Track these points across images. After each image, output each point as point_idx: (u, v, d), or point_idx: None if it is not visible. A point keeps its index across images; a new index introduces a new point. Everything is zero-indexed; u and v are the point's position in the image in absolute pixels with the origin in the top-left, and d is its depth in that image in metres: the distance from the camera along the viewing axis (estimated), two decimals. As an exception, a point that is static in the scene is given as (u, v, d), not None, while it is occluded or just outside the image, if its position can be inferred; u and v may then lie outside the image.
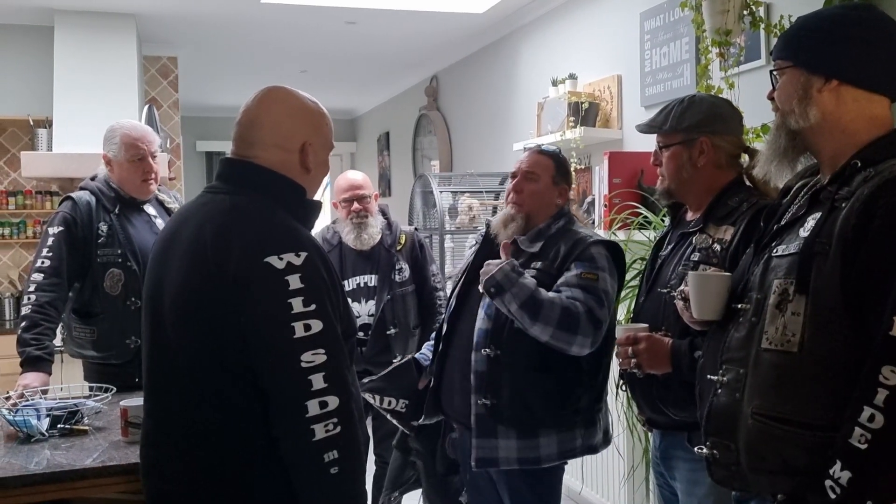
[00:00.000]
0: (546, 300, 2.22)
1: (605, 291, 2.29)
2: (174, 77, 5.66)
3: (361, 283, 3.28)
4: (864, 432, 1.28)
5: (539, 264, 2.36)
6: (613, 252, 2.38)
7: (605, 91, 4.01)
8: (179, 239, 1.63)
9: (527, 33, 4.97)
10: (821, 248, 1.41)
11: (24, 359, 2.60)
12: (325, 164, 1.76)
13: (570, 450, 2.35)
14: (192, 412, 1.58)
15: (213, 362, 1.54)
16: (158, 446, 1.65)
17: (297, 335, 1.48)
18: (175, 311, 1.59)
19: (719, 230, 1.95)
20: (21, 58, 5.03)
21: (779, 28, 2.50)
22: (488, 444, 2.32)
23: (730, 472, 1.54)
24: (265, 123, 1.67)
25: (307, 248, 1.54)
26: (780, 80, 1.57)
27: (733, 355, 1.55)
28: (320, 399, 1.47)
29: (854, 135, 1.48)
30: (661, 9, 3.59)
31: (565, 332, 2.21)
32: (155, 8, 4.75)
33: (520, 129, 4.94)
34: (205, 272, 1.54)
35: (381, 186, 8.10)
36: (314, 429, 1.46)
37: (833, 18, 1.55)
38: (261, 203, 1.61)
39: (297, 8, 4.75)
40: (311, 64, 6.44)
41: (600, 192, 3.56)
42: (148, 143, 2.88)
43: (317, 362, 1.48)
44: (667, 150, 2.07)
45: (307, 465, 1.49)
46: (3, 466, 1.97)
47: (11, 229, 5.03)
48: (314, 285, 1.52)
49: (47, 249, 2.75)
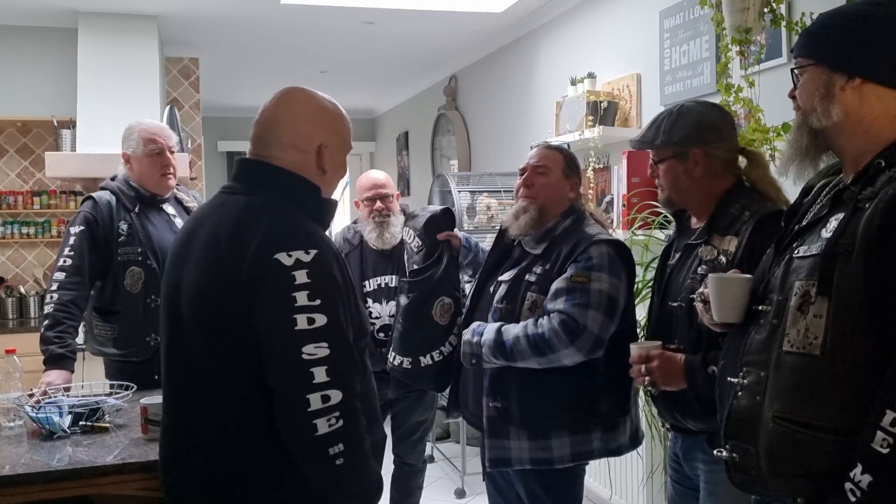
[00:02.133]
0: (509, 341, 2.26)
1: (598, 291, 2.23)
2: (195, 78, 5.71)
3: (382, 283, 3.28)
4: (885, 436, 1.26)
5: (539, 269, 2.34)
6: (617, 250, 2.31)
7: (625, 90, 3.99)
8: (196, 239, 1.64)
9: (545, 32, 4.96)
10: (843, 249, 1.38)
11: (47, 357, 2.64)
12: (342, 166, 1.76)
13: (585, 452, 2.32)
14: (207, 409, 1.59)
15: (227, 361, 1.56)
16: (176, 442, 1.67)
17: (299, 327, 1.48)
18: (191, 310, 1.60)
19: (724, 241, 1.94)
20: (45, 60, 5.09)
21: (800, 25, 2.47)
22: (500, 444, 2.32)
23: (749, 477, 1.51)
24: (282, 124, 1.68)
25: (318, 247, 1.55)
26: (801, 79, 1.55)
27: (754, 358, 1.52)
28: (322, 393, 1.47)
29: (878, 133, 1.45)
30: (681, 7, 3.57)
31: (545, 357, 2.22)
32: (177, 10, 4.79)
33: (538, 129, 4.93)
34: (220, 271, 1.55)
35: (400, 186, 8.11)
36: (316, 423, 1.47)
37: (855, 15, 1.51)
38: (275, 202, 1.62)
39: (316, 9, 4.77)
40: (330, 64, 6.47)
41: (619, 192, 3.54)
42: (165, 138, 2.92)
43: (319, 355, 1.48)
44: (661, 164, 2.07)
45: (313, 459, 1.50)
46: (27, 463, 2.00)
47: (36, 229, 5.09)
48: (321, 281, 1.52)
49: (69, 248, 2.79)
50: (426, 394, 3.35)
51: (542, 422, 2.29)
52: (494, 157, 5.69)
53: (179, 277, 1.65)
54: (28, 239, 5.09)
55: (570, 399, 2.29)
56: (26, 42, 5.08)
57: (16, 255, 5.13)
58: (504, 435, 2.31)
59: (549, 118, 4.62)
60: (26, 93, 5.04)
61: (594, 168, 3.86)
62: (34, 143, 5.14)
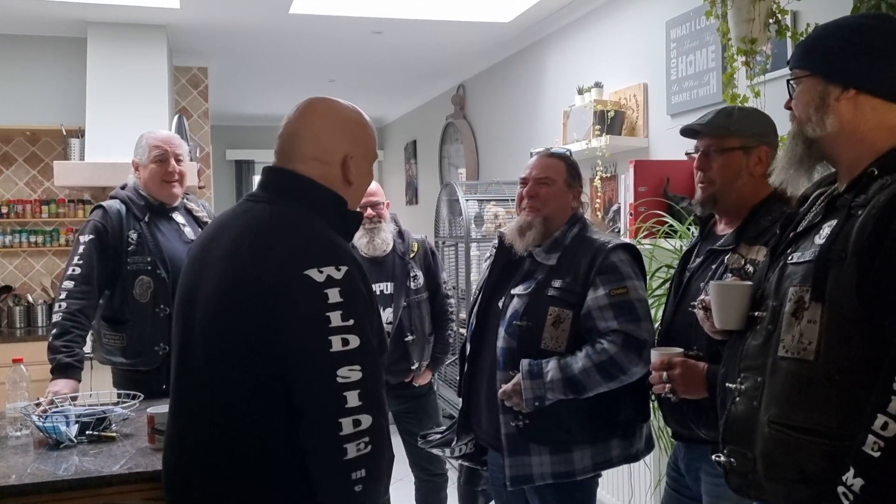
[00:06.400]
0: (579, 375, 2.18)
1: (639, 300, 2.24)
2: (204, 87, 5.74)
3: (378, 290, 3.28)
4: (877, 440, 1.27)
5: (560, 283, 2.29)
6: (632, 253, 2.33)
7: (631, 99, 4.00)
8: (217, 246, 1.60)
9: (553, 42, 4.97)
10: (836, 255, 1.39)
11: (55, 366, 2.64)
12: (368, 174, 1.73)
13: (605, 461, 2.31)
14: (214, 419, 1.56)
15: (240, 371, 1.52)
16: (180, 452, 1.64)
17: (335, 349, 1.44)
18: (207, 318, 1.57)
19: (752, 250, 1.92)
20: (55, 69, 5.13)
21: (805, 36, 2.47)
22: (521, 461, 2.28)
23: (746, 481, 1.53)
24: (305, 137, 1.64)
25: (347, 263, 1.51)
26: (796, 89, 1.56)
27: (751, 363, 1.54)
28: (354, 417, 1.44)
29: (872, 143, 1.47)
30: (687, 17, 3.57)
31: (616, 380, 2.20)
32: (185, 19, 4.82)
33: (546, 138, 4.93)
34: (241, 280, 1.51)
35: (408, 194, 8.13)
36: (347, 448, 1.43)
37: (851, 28, 1.53)
38: (301, 213, 1.58)
39: (324, 18, 4.79)
40: (339, 73, 6.49)
41: (626, 201, 3.54)
42: (172, 146, 2.93)
43: (353, 378, 1.45)
44: (721, 154, 2.00)
45: (335, 482, 1.46)
46: (33, 472, 2.01)
47: (45, 237, 5.11)
48: (353, 300, 1.48)
49: (78, 257, 2.79)
50: (425, 400, 3.37)
51: (564, 436, 2.26)
52: (502, 166, 5.69)
53: (197, 283, 1.61)
54: (36, 248, 5.11)
55: (589, 410, 2.26)
56: (36, 51, 5.12)
57: (24, 263, 5.15)
58: (524, 452, 2.27)
59: (557, 127, 4.62)
60: (35, 102, 5.08)
61: (601, 177, 3.86)
62: (43, 152, 5.18)
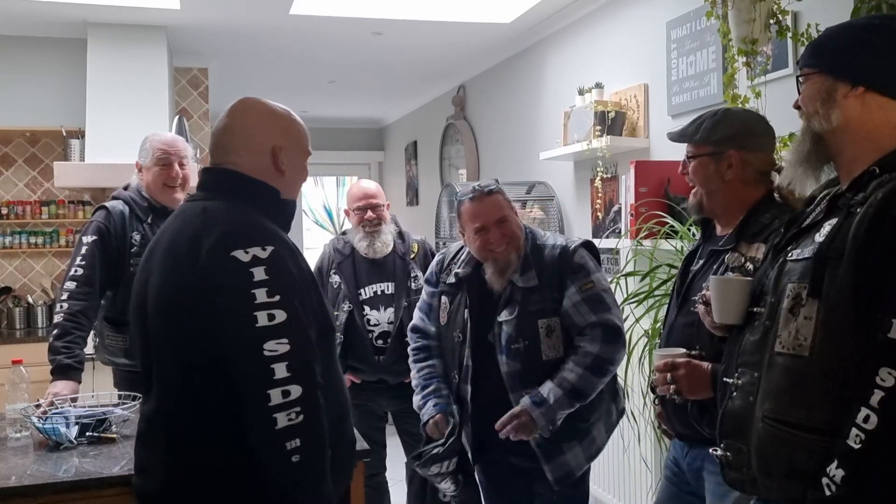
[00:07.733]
0: (578, 385, 2.39)
1: (604, 291, 2.48)
2: (204, 88, 5.73)
3: (379, 290, 3.30)
4: (858, 432, 1.29)
5: (538, 296, 2.47)
6: (589, 248, 2.56)
7: (632, 100, 3.99)
8: (158, 248, 1.70)
9: (553, 43, 4.96)
10: (835, 252, 1.40)
11: (55, 367, 2.64)
12: (301, 169, 1.83)
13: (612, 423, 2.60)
14: (172, 412, 1.63)
15: (190, 363, 1.59)
16: (148, 446, 1.69)
17: (261, 324, 1.51)
18: (156, 315, 1.65)
19: (751, 248, 1.93)
20: (55, 70, 5.12)
21: (806, 37, 2.47)
22: (560, 462, 2.47)
23: (742, 475, 1.55)
24: (236, 130, 1.75)
25: (274, 243, 1.59)
26: (804, 86, 1.57)
27: (748, 359, 1.56)
28: (283, 388, 1.50)
29: (877, 142, 1.47)
30: (688, 18, 3.57)
31: (609, 373, 2.44)
32: (186, 20, 4.81)
33: (546, 138, 4.93)
34: (180, 275, 1.60)
35: (408, 195, 8.12)
36: (276, 417, 1.49)
37: (862, 27, 1.55)
38: (232, 204, 1.67)
39: (325, 19, 4.79)
40: (339, 74, 6.48)
41: (626, 201, 3.53)
42: (176, 150, 2.93)
43: (280, 351, 1.51)
44: (694, 160, 2.07)
45: (271, 453, 1.51)
46: (33, 474, 2.01)
47: (44, 238, 5.11)
48: (279, 277, 1.56)
49: (81, 258, 2.79)
50: None
51: (584, 424, 2.49)
52: (503, 167, 5.69)
53: (145, 284, 1.70)
54: (36, 249, 5.11)
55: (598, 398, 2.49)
56: (36, 52, 5.12)
57: (23, 264, 5.15)
58: (559, 452, 2.45)
59: (557, 128, 4.62)
60: (35, 103, 5.07)
61: (602, 178, 3.86)
62: (43, 153, 5.17)
